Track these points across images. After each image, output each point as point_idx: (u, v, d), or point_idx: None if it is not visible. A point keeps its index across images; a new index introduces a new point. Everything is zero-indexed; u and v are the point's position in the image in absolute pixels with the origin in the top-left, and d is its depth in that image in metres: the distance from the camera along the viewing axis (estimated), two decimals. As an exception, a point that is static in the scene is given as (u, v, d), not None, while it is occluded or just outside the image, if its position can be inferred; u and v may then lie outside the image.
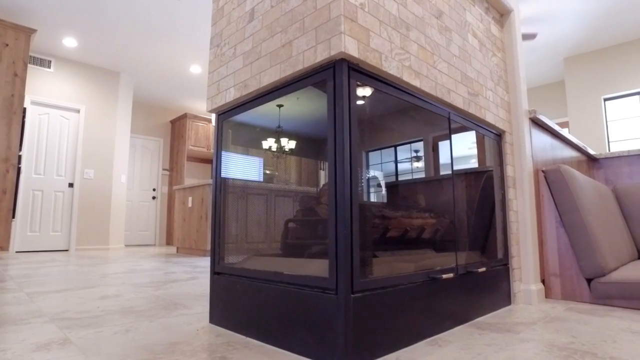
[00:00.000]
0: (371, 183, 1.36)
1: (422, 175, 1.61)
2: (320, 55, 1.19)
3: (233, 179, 1.62)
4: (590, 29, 5.36)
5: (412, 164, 1.59)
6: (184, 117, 8.00)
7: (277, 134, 1.53)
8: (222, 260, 1.58)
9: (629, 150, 3.11)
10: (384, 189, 1.41)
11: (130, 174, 7.83)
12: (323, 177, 1.40)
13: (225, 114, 1.65)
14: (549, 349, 1.25)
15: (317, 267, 1.19)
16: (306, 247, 1.35)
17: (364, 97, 1.27)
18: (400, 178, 1.52)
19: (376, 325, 1.16)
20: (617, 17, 5.06)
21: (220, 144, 1.65)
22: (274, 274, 1.31)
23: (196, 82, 7.13)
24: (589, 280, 1.95)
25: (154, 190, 8.13)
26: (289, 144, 1.54)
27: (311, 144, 1.47)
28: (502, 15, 2.24)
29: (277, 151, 1.56)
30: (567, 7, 4.85)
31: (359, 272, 1.12)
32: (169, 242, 8.14)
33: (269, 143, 1.57)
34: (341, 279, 1.08)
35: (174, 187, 5.88)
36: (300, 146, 1.51)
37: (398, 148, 1.59)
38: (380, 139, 1.44)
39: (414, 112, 1.51)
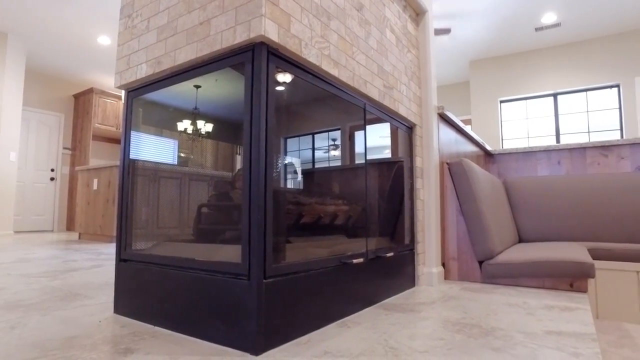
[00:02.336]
0: (287, 169, 1.37)
1: (338, 163, 1.66)
2: (239, 37, 1.17)
3: (144, 161, 1.53)
4: (492, 37, 5.87)
5: (329, 152, 1.63)
6: (89, 91, 7.30)
7: (194, 115, 1.47)
8: (129, 246, 1.49)
9: (517, 148, 3.50)
10: (299, 175, 1.43)
11: (23, 151, 6.98)
12: (239, 162, 1.38)
13: (135, 91, 1.54)
14: (444, 324, 1.37)
15: (230, 253, 1.18)
16: (219, 233, 1.32)
17: (283, 83, 1.27)
18: (317, 165, 1.55)
19: (289, 309, 1.18)
20: (513, 28, 5.61)
21: (129, 123, 1.55)
22: (185, 260, 1.27)
23: (105, 55, 6.54)
24: (480, 263, 2.17)
25: (52, 170, 7.35)
26: (205, 126, 1.49)
27: (229, 128, 1.44)
28: (418, 14, 2.36)
29: (193, 134, 1.50)
30: (474, 13, 5.26)
31: (272, 258, 1.13)
32: (69, 227, 7.45)
33: (185, 125, 1.50)
34: (254, 264, 1.09)
35: (77, 168, 5.38)
36: (218, 129, 1.47)
37: (316, 136, 1.62)
38: (299, 126, 1.45)
39: (332, 101, 1.55)
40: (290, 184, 1.37)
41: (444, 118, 2.42)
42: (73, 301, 1.65)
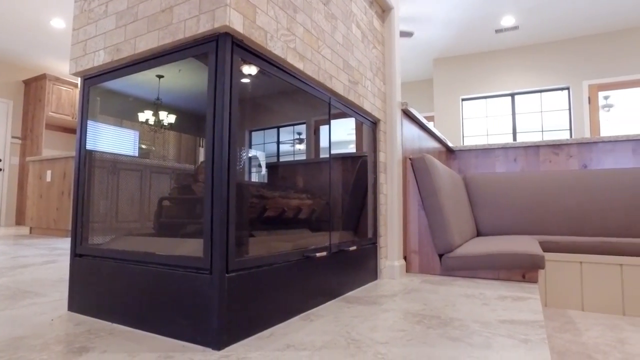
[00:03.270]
0: (252, 163, 1.36)
1: (303, 157, 1.66)
2: (203, 26, 1.14)
3: (102, 152, 1.47)
4: (455, 36, 6.03)
5: (294, 146, 1.63)
6: (42, 77, 6.91)
7: (156, 106, 1.42)
8: (85, 241, 1.43)
9: (476, 145, 3.63)
10: (264, 169, 1.42)
11: (-33, 140, 6.53)
12: (203, 155, 1.35)
13: (92, 78, 1.47)
14: (405, 316, 1.41)
15: (191, 247, 1.16)
16: (181, 227, 1.30)
17: (248, 75, 1.25)
18: (282, 159, 1.54)
19: (251, 304, 1.18)
20: (475, 29, 5.78)
21: (86, 112, 1.48)
22: (145, 255, 1.24)
23: (59, 39, 6.20)
24: (440, 256, 2.24)
25: None
26: (168, 118, 1.45)
27: (192, 119, 1.40)
28: (384, 11, 2.39)
29: (155, 125, 1.45)
30: (438, 13, 5.38)
31: (235, 252, 1.12)
32: (19, 221, 7.06)
33: (146, 116, 1.45)
34: (216, 258, 1.07)
35: (28, 159, 5.09)
36: (181, 121, 1.43)
37: (281, 129, 1.61)
38: (264, 120, 1.44)
39: (297, 95, 1.54)
40: (254, 178, 1.36)
41: (408, 114, 2.47)
42: (22, 300, 1.57)
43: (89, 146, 1.47)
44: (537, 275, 2.03)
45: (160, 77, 1.35)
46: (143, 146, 1.50)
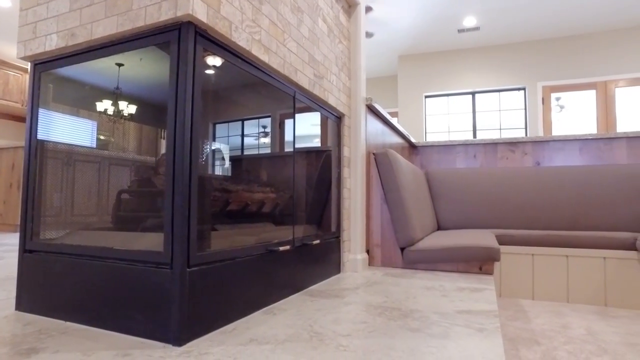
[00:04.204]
0: (215, 156, 1.33)
1: (268, 150, 1.64)
2: (165, 14, 1.10)
3: (55, 142, 1.40)
4: (419, 34, 6.14)
5: (259, 140, 1.61)
6: (-13, 61, 6.47)
7: (115, 95, 1.36)
8: (36, 236, 1.36)
9: (438, 141, 3.73)
10: (227, 162, 1.40)
11: None
12: (164, 147, 1.31)
13: (44, 64, 1.40)
14: (367, 308, 1.44)
15: (151, 241, 1.13)
16: (141, 220, 1.26)
17: (212, 67, 1.22)
18: (246, 152, 1.53)
19: (213, 298, 1.16)
20: (439, 28, 5.92)
21: (36, 100, 1.40)
22: (102, 250, 1.19)
23: (4, 20, 5.81)
24: (402, 249, 2.30)
25: (-60, 150, 6.44)
26: (128, 108, 1.39)
27: (154, 110, 1.36)
28: (350, 6, 2.40)
29: (114, 115, 1.40)
30: (404, 11, 5.45)
31: (196, 246, 1.10)
32: (-38, 215, 6.61)
33: (105, 105, 1.39)
34: (177, 252, 1.05)
35: (-29, 148, 4.77)
36: (142, 112, 1.38)
37: (246, 122, 1.59)
38: (228, 112, 1.41)
39: (262, 88, 1.53)
40: (217, 171, 1.33)
41: (372, 110, 2.50)
42: (-34, 297, 1.47)
43: (40, 136, 1.40)
44: (493, 267, 2.12)
45: (120, 65, 1.30)
46: (101, 137, 1.44)
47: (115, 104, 1.38)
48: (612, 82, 5.86)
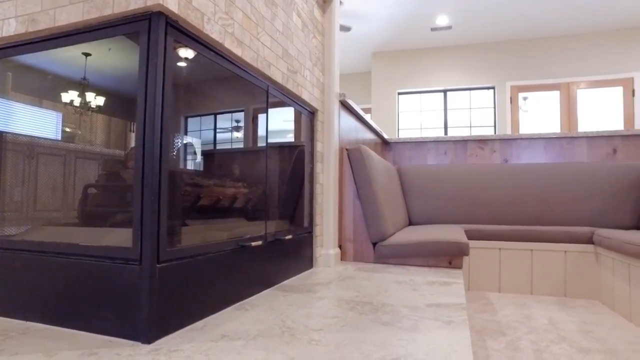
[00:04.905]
0: (185, 150, 1.31)
1: (240, 145, 1.63)
2: (134, 3, 1.07)
3: (15, 134, 1.34)
4: (393, 31, 6.20)
5: (231, 134, 1.59)
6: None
7: (82, 86, 1.32)
8: (-6, 231, 1.30)
9: (410, 138, 3.79)
10: (199, 156, 1.38)
11: None
12: (134, 140, 1.28)
13: (2, 50, 1.33)
14: (339, 303, 1.45)
15: (119, 237, 1.10)
16: (108, 216, 1.22)
17: (184, 59, 1.20)
18: (218, 147, 1.51)
19: (184, 294, 1.14)
20: (412, 26, 5.99)
21: (-6, 89, 1.33)
22: (66, 246, 1.15)
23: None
24: (374, 244, 2.32)
25: None
26: (96, 99, 1.35)
27: (123, 102, 1.32)
28: (325, 1, 2.39)
29: (80, 107, 1.35)
30: (378, 8, 5.49)
31: (166, 241, 1.08)
32: None
33: (71, 96, 1.34)
34: (146, 248, 1.03)
35: None
36: (111, 104, 1.34)
37: (219, 117, 1.57)
38: (200, 106, 1.39)
39: (235, 82, 1.51)
40: (189, 165, 1.31)
41: (345, 105, 2.51)
42: None
43: (-1, 127, 1.33)
44: (462, 261, 2.18)
45: (87, 55, 1.25)
46: (67, 129, 1.38)
47: (82, 95, 1.33)
48: (574, 84, 6.10)
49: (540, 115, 6.28)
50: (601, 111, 6.00)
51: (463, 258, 2.59)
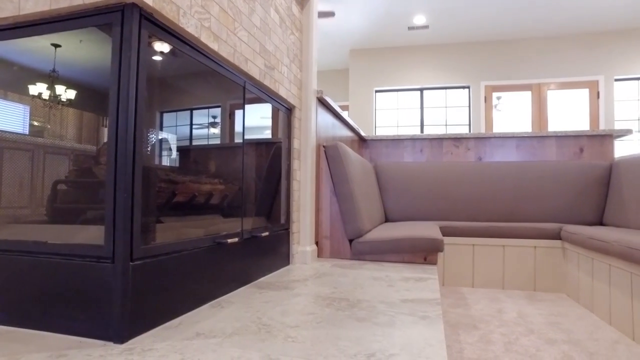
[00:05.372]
0: (160, 145, 1.28)
1: (217, 141, 1.61)
2: (105, -6, 1.04)
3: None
4: (371, 29, 6.24)
5: (208, 130, 1.57)
6: None
7: (52, 79, 1.27)
8: (-44, 229, 1.24)
9: (387, 135, 3.82)
10: (175, 152, 1.35)
11: None
12: (106, 135, 1.24)
13: (-35, 41, 1.27)
14: (316, 299, 1.46)
15: (91, 234, 1.07)
16: (80, 213, 1.19)
17: (159, 53, 1.17)
18: (194, 143, 1.48)
19: (159, 293, 1.13)
20: (390, 24, 6.04)
21: (-44, 80, 1.27)
22: (34, 244, 1.11)
23: None
24: (350, 241, 2.34)
25: None
26: (67, 93, 1.30)
27: (96, 96, 1.28)
28: (302, -3, 2.38)
29: (50, 100, 1.30)
30: (356, 5, 5.51)
31: (140, 239, 1.05)
32: None
33: (39, 89, 1.29)
34: (119, 246, 1.00)
35: None
36: (83, 97, 1.30)
37: (195, 112, 1.55)
38: (177, 101, 1.36)
39: (212, 77, 1.49)
40: (164, 161, 1.29)
41: (323, 102, 2.51)
42: None
43: (-38, 120, 1.27)
44: (437, 257, 2.22)
45: (56, 46, 1.21)
46: (35, 123, 1.34)
47: (51, 88, 1.29)
48: (544, 85, 6.29)
49: (513, 114, 6.44)
50: (569, 112, 6.21)
51: (438, 254, 2.64)
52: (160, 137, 1.27)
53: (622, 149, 5.99)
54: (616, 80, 6.08)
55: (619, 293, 1.97)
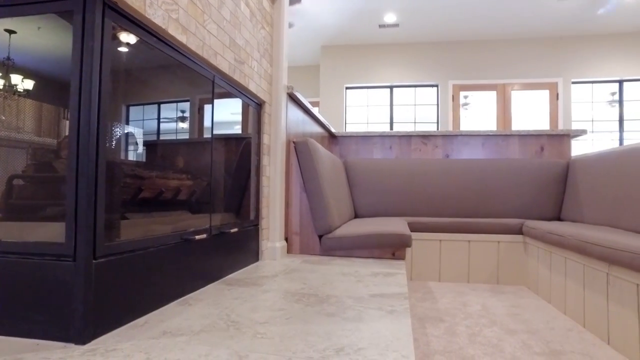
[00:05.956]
0: (126, 139, 1.25)
1: (185, 136, 1.57)
2: (66, -20, 0.99)
3: None
4: (342, 25, 6.26)
5: (176, 124, 1.54)
6: None
7: (6, 67, 1.20)
8: None
9: (357, 132, 3.86)
10: (141, 147, 1.31)
11: None
12: (68, 128, 1.19)
13: None
14: (285, 295, 1.46)
15: (50, 232, 1.03)
16: (38, 209, 1.14)
17: (126, 44, 1.13)
18: (162, 137, 1.45)
19: (123, 291, 1.09)
20: (361, 21, 6.08)
21: None
22: (-13, 242, 1.06)
23: None
24: (320, 237, 2.35)
25: None
26: (24, 83, 1.24)
27: (56, 87, 1.22)
28: (273, -9, 2.36)
29: (4, 90, 1.23)
30: (327, 1, 5.51)
31: (104, 236, 1.02)
32: None
33: (-8, 78, 1.22)
34: (81, 243, 0.97)
35: None
36: (41, 88, 1.24)
37: (163, 106, 1.51)
38: (143, 94, 1.32)
39: (180, 71, 1.45)
40: (130, 156, 1.25)
41: (293, 98, 2.50)
42: None
43: None
44: (405, 252, 2.27)
45: (10, 32, 1.15)
46: (-13, 114, 1.26)
47: (5, 77, 1.22)
48: (509, 85, 6.50)
49: (479, 113, 6.63)
50: (532, 112, 6.45)
51: (406, 249, 2.70)
52: (126, 131, 1.23)
53: (578, 148, 6.29)
54: (573, 82, 6.37)
55: (573, 284, 2.08)
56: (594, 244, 1.80)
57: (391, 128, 6.95)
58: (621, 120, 6.29)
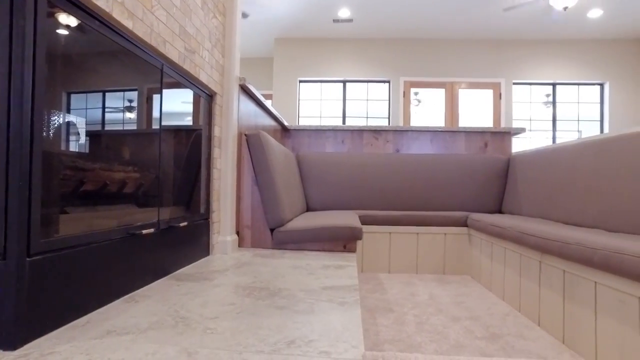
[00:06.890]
0: (67, 129, 1.17)
1: (132, 127, 1.50)
2: (-6, -46, 0.91)
3: None
4: (297, 18, 6.22)
5: (123, 114, 1.46)
6: None
7: None
8: None
9: (310, 126, 3.86)
10: (83, 137, 1.24)
11: None
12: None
13: None
14: (236, 289, 1.44)
15: (-23, 228, 0.95)
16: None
17: (65, 27, 1.06)
18: (107, 128, 1.37)
19: (62, 290, 1.03)
20: (316, 15, 6.07)
21: None
22: None
23: None
24: (272, 230, 2.34)
25: None
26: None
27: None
28: (225, -21, 2.30)
29: None
30: (281, -9, 5.45)
31: (40, 232, 0.96)
32: None
33: None
34: (11, 240, 0.90)
35: None
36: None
37: (108, 95, 1.43)
38: (86, 81, 1.24)
39: (127, 58, 1.38)
40: (71, 146, 1.17)
41: (246, 90, 2.46)
42: None
43: None
44: (356, 245, 2.31)
45: None
46: None
47: None
48: (457, 84, 6.78)
49: (429, 109, 6.86)
50: (477, 110, 6.77)
51: (357, 242, 2.75)
52: (66, 120, 1.15)
53: (517, 145, 6.68)
54: (514, 83, 6.75)
55: (511, 273, 2.22)
56: (530, 234, 1.92)
57: (344, 122, 7.03)
58: (554, 120, 6.76)
